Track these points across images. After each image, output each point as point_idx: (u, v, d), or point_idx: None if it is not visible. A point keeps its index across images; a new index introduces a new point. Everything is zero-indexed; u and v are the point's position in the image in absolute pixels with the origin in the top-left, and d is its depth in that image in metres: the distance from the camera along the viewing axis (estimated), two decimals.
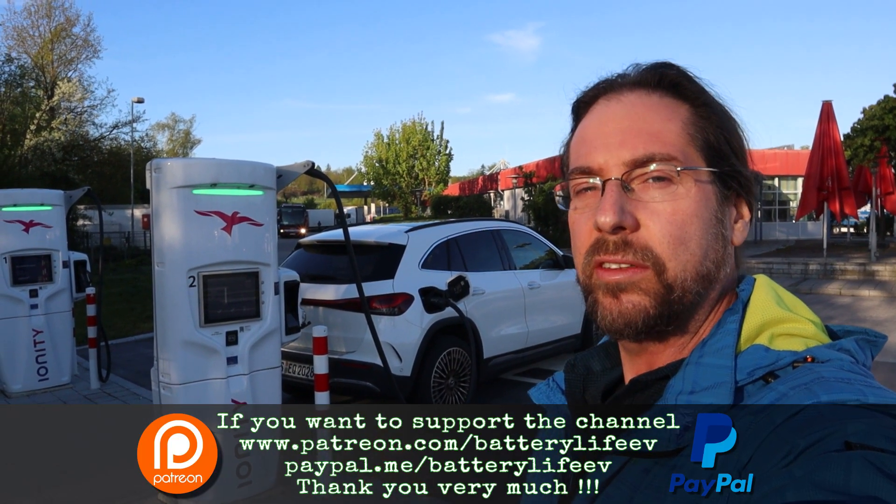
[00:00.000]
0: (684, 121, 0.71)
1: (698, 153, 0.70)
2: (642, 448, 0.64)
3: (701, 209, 0.68)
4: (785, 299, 0.70)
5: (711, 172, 0.70)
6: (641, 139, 0.69)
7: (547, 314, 6.77)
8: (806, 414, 0.55)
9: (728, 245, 0.71)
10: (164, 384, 3.86)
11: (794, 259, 17.28)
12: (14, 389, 6.79)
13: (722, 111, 0.73)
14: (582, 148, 0.73)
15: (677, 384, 0.66)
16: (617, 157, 0.69)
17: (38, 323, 6.87)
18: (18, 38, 32.96)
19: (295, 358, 5.77)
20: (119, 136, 33.72)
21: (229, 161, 4.00)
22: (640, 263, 0.67)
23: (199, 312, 3.89)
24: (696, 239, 0.68)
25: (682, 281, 0.67)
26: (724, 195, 0.71)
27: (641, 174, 0.69)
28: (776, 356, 0.63)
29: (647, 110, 0.71)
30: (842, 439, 0.51)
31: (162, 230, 3.84)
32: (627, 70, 0.74)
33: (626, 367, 0.78)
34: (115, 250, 27.20)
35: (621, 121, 0.71)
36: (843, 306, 12.19)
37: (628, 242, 0.68)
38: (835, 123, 17.55)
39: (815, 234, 28.60)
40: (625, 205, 0.68)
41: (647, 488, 0.63)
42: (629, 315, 0.68)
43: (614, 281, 0.68)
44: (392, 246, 5.85)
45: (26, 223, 6.80)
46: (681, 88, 0.72)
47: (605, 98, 0.74)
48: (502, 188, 40.01)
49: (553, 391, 0.85)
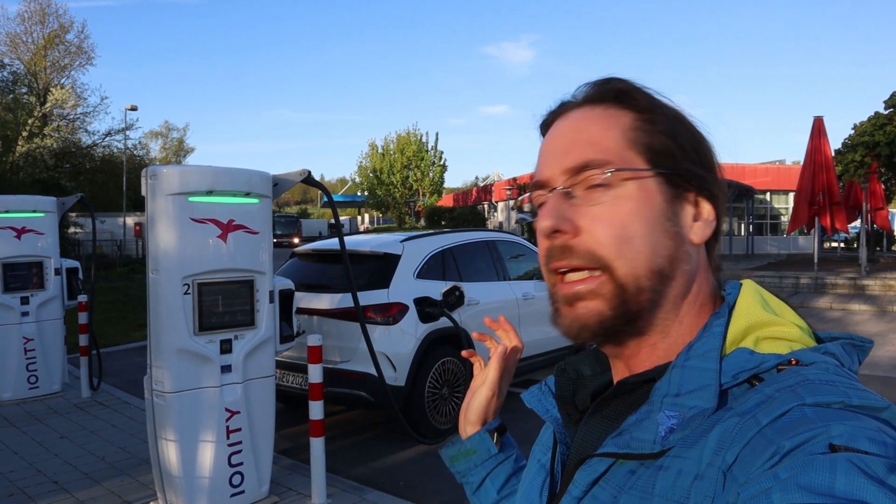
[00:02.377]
0: (624, 127, 0.73)
1: (639, 156, 0.71)
2: (628, 449, 0.65)
3: (643, 208, 0.70)
4: (771, 303, 0.71)
5: (655, 172, 0.71)
6: (580, 149, 0.72)
7: (541, 325, 6.75)
8: (791, 416, 0.55)
9: (684, 243, 0.72)
10: (158, 392, 3.83)
11: (786, 273, 17.37)
12: (4, 397, 6.73)
13: (671, 115, 0.75)
14: (538, 164, 0.78)
15: (663, 387, 0.66)
16: (559, 168, 0.73)
17: (28, 330, 6.81)
18: (11, 44, 32.92)
19: (289, 367, 5.74)
20: (112, 144, 33.68)
21: (225, 168, 3.99)
22: (587, 266, 0.70)
23: (193, 320, 3.86)
24: (640, 237, 0.69)
25: (634, 278, 0.69)
26: (675, 194, 0.72)
27: (582, 181, 0.71)
28: (761, 359, 0.64)
29: (589, 122, 0.74)
30: (826, 441, 0.51)
31: (157, 237, 3.82)
32: (578, 89, 0.79)
33: (613, 372, 0.79)
34: (106, 258, 27.06)
35: (565, 135, 0.75)
36: (833, 320, 12.25)
37: (570, 247, 0.70)
38: (826, 139, 17.72)
39: (806, 248, 28.80)
40: (564, 211, 0.71)
41: (632, 489, 0.64)
42: (583, 319, 0.70)
43: (572, 292, 0.71)
44: (387, 255, 5.85)
45: (18, 230, 6.76)
46: (625, 98, 0.75)
47: (559, 118, 0.78)
48: (496, 199, 40.10)
49: (545, 395, 0.87)
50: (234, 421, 3.99)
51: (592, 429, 0.75)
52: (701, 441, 0.60)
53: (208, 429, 3.90)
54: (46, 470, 4.92)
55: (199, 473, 3.88)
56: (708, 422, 0.61)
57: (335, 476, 4.70)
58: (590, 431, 0.75)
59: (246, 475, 4.07)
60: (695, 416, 0.62)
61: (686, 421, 0.62)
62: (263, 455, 4.20)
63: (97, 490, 4.53)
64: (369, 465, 5.18)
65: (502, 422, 1.08)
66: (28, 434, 5.78)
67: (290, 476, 4.73)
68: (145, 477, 4.65)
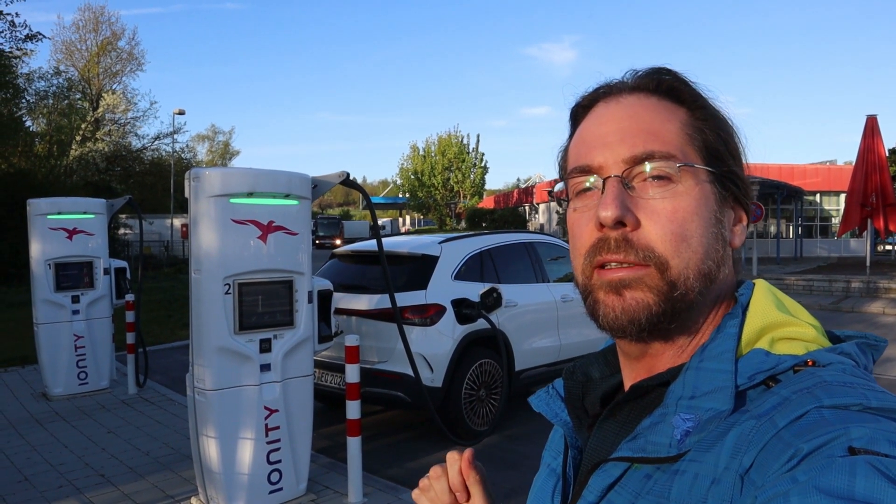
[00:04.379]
0: (682, 122, 0.72)
1: (697, 153, 0.70)
2: (643, 454, 0.63)
3: (701, 208, 0.69)
4: (785, 303, 0.69)
5: (710, 172, 0.70)
6: (640, 137, 0.70)
7: (580, 328, 6.70)
8: (809, 418, 0.54)
9: (727, 246, 0.72)
10: (199, 390, 3.91)
11: (836, 276, 16.85)
12: (55, 393, 6.96)
13: (718, 115, 0.74)
14: (581, 148, 0.74)
15: (677, 389, 0.65)
16: (617, 155, 0.70)
17: (79, 328, 7.03)
18: (66, 52, 34.07)
19: (327, 367, 5.80)
20: (160, 147, 34.59)
21: (265, 171, 4.06)
22: (642, 263, 0.67)
23: (233, 319, 3.94)
24: (697, 237, 0.68)
25: (685, 278, 0.67)
26: (723, 196, 0.72)
27: (641, 172, 0.69)
28: (777, 360, 0.63)
29: (646, 111, 0.72)
30: (846, 444, 0.50)
31: (199, 238, 3.91)
32: (625, 76, 0.76)
33: (625, 373, 0.78)
34: (154, 259, 27.73)
35: (620, 121, 0.72)
36: (886, 326, 11.83)
37: (629, 241, 0.68)
38: (880, 138, 17.17)
39: (857, 251, 27.91)
40: (626, 201, 0.68)
41: (649, 494, 0.63)
42: (633, 311, 0.68)
43: (617, 278, 0.68)
44: (425, 257, 5.87)
45: (70, 231, 6.99)
46: (678, 92, 0.73)
47: (604, 101, 0.75)
48: (537, 201, 39.86)
49: (553, 398, 0.85)
50: (273, 419, 4.05)
51: (606, 433, 0.74)
52: (717, 444, 0.59)
53: (247, 426, 3.97)
54: (94, 463, 5.07)
55: (238, 470, 3.95)
56: (724, 424, 0.60)
57: (371, 475, 4.74)
58: (603, 436, 0.74)
59: (284, 472, 4.13)
60: (711, 419, 0.61)
61: (702, 424, 0.61)
62: (301, 453, 4.25)
63: (141, 484, 4.65)
64: (405, 465, 5.21)
65: None
66: (77, 428, 5.96)
67: (327, 474, 4.79)
68: (187, 472, 4.75)
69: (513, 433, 5.93)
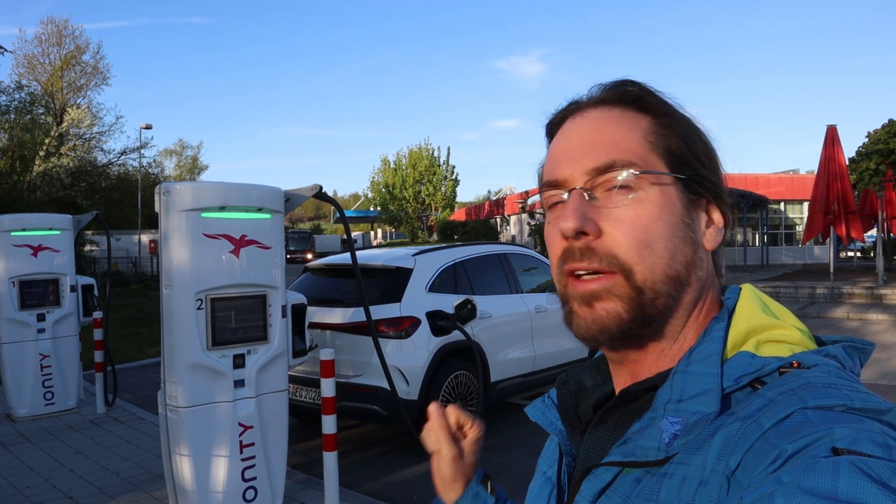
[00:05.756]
0: (645, 130, 0.73)
1: (660, 160, 0.72)
2: (633, 458, 0.64)
3: (664, 213, 0.70)
4: (771, 307, 0.71)
5: (675, 177, 0.72)
6: (602, 149, 0.71)
7: (554, 338, 6.74)
8: (794, 419, 0.55)
9: (699, 249, 0.72)
10: (171, 407, 3.84)
11: (801, 283, 17.20)
12: (20, 414, 6.78)
13: (684, 121, 0.75)
14: (550, 163, 0.77)
15: (665, 393, 0.66)
16: (580, 168, 0.72)
17: (45, 347, 6.87)
18: (29, 66, 33.42)
19: (302, 382, 5.75)
20: (127, 162, 34.05)
21: (238, 184, 4.02)
22: (607, 269, 0.69)
23: (206, 335, 3.88)
24: (661, 241, 0.69)
25: (651, 283, 0.68)
26: (692, 200, 0.72)
27: (604, 182, 0.71)
28: (762, 362, 0.64)
29: (609, 123, 0.74)
30: (829, 445, 0.51)
31: (170, 253, 3.85)
32: (592, 90, 0.78)
33: (615, 379, 0.79)
34: (122, 276, 27.28)
35: (584, 134, 0.74)
36: (851, 330, 12.11)
37: (592, 249, 0.69)
38: (840, 148, 17.60)
39: (821, 258, 28.53)
40: (587, 212, 0.70)
41: (639, 497, 0.63)
42: (602, 321, 0.69)
43: (588, 290, 0.70)
44: (399, 269, 5.86)
45: (35, 247, 6.84)
46: (642, 102, 0.75)
47: (572, 117, 0.77)
48: (509, 213, 40.08)
49: (548, 407, 0.87)
50: (248, 435, 4.00)
51: (597, 439, 0.74)
52: (704, 447, 0.60)
53: (222, 443, 3.91)
54: (62, 485, 4.94)
55: (212, 488, 3.88)
56: (711, 427, 0.61)
57: (348, 490, 4.69)
58: (595, 441, 0.74)
59: (259, 490, 4.07)
60: (698, 422, 0.62)
61: (689, 427, 0.62)
62: (277, 469, 4.20)
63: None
64: (382, 479, 5.17)
65: (486, 471, 1.04)
66: (44, 450, 5.81)
67: (303, 490, 4.73)
68: (159, 492, 4.66)
69: (490, 444, 5.92)
